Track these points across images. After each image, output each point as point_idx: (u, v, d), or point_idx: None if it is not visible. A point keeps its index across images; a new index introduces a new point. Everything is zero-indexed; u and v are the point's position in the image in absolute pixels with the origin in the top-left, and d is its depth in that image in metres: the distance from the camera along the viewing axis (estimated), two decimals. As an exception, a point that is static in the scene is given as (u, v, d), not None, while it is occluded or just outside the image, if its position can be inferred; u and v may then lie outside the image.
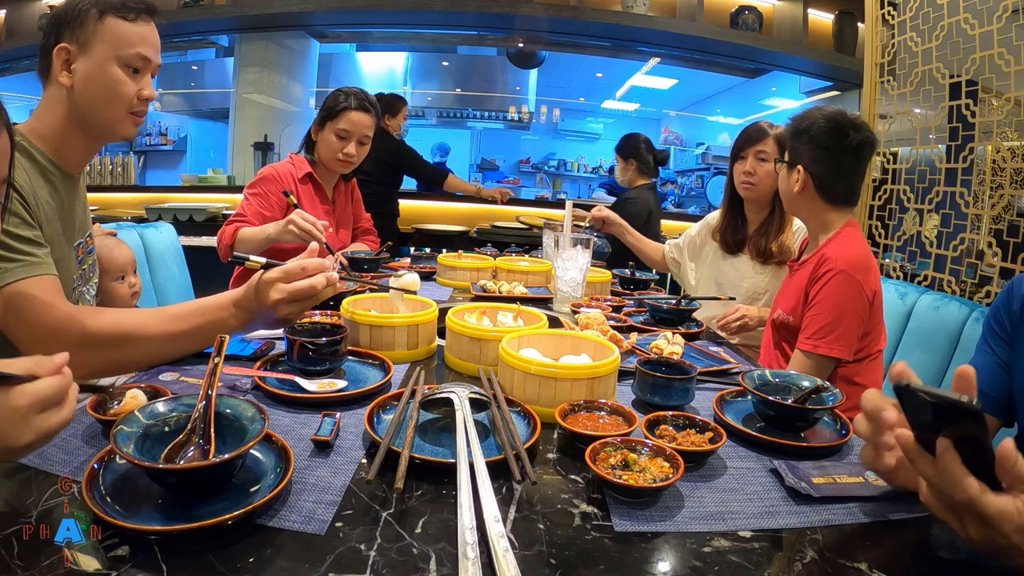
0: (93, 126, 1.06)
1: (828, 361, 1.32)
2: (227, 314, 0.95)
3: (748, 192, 1.84)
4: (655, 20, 4.52)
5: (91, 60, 1.02)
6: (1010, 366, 0.92)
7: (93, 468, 0.58)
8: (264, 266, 0.94)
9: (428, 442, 0.74)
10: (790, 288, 1.50)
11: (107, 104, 1.04)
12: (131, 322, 0.93)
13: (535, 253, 2.31)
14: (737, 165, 1.88)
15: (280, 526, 0.56)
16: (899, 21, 2.37)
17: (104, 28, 1.02)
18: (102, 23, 1.01)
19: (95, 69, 1.02)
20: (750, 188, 1.83)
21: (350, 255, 1.82)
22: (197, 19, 4.77)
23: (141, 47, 1.04)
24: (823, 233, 1.44)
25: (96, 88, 1.02)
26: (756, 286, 1.86)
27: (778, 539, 0.60)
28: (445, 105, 7.38)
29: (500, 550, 0.52)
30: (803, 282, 1.41)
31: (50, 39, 1.02)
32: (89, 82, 1.02)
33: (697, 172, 7.78)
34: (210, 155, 7.06)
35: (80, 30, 1.01)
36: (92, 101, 1.03)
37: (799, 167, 1.41)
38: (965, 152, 2.03)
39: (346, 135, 1.85)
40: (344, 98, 1.84)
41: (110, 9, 1.02)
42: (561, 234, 1.62)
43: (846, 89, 4.98)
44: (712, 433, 0.76)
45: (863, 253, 1.36)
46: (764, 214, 1.89)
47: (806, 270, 1.42)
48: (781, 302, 1.52)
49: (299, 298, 0.93)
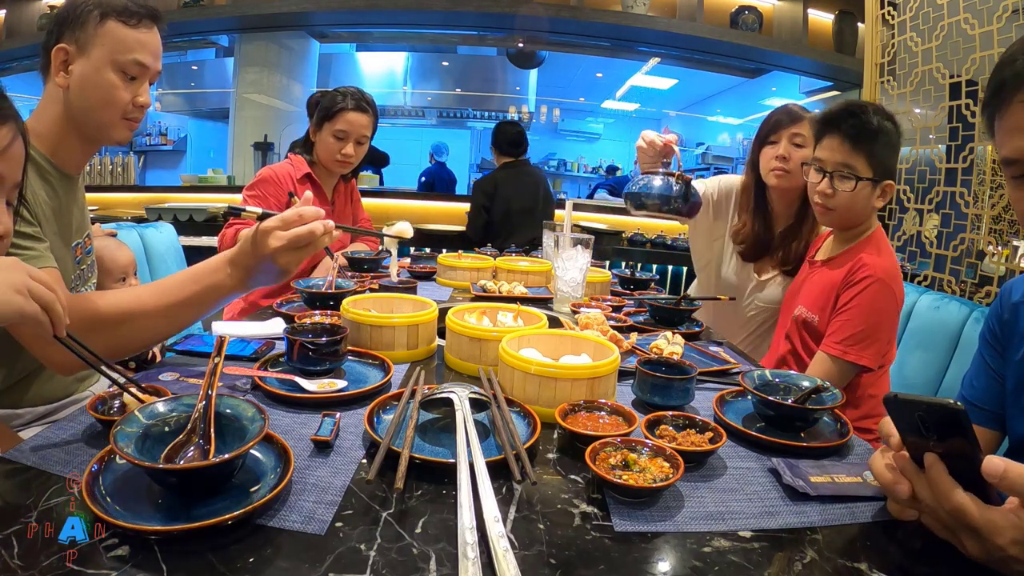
0: (87, 128, 1.05)
1: (853, 368, 1.29)
2: (223, 275, 0.93)
3: (780, 180, 1.60)
4: (655, 20, 4.53)
5: (88, 63, 1.01)
6: (1003, 377, 0.91)
7: (93, 468, 0.58)
8: (260, 216, 0.91)
9: (428, 442, 0.74)
10: (815, 286, 1.42)
11: (101, 108, 1.03)
12: (128, 300, 0.92)
13: (535, 253, 2.31)
14: (766, 151, 1.64)
15: (280, 526, 0.56)
16: (899, 21, 2.37)
17: (104, 31, 1.01)
18: (103, 26, 1.00)
19: (91, 72, 1.01)
20: (783, 175, 1.60)
21: (350, 255, 1.82)
22: (197, 19, 4.78)
23: (139, 54, 1.03)
24: (859, 235, 1.38)
25: (91, 91, 1.02)
26: (770, 298, 1.69)
27: (778, 539, 0.60)
28: (445, 105, 7.39)
29: (500, 550, 0.52)
30: (833, 283, 1.35)
31: (51, 37, 1.02)
32: (85, 85, 1.01)
33: (697, 172, 7.79)
34: (210, 155, 7.07)
35: (80, 31, 1.00)
36: (87, 104, 1.02)
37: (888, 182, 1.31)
38: (965, 152, 2.03)
39: (344, 135, 1.84)
40: (341, 99, 1.84)
41: (112, 12, 1.01)
42: (561, 234, 1.62)
43: (846, 89, 4.98)
44: (712, 433, 0.76)
45: (895, 262, 1.34)
46: (794, 208, 1.66)
47: (836, 272, 1.36)
48: (804, 299, 1.44)
49: (298, 245, 0.89)
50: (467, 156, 8.19)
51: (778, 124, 1.63)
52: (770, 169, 1.62)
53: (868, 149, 1.29)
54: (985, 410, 0.93)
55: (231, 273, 0.93)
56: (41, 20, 5.09)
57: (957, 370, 1.49)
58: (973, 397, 0.95)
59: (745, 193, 1.72)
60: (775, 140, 1.63)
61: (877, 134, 1.28)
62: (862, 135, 1.28)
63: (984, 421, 0.93)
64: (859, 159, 1.30)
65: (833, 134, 1.32)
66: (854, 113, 1.29)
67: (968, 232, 2.04)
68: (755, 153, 1.70)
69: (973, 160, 2.02)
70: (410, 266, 1.92)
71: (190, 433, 0.62)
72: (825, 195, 1.35)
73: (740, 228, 1.72)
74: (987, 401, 0.93)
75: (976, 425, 0.92)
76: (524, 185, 3.29)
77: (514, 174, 3.30)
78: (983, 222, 1.98)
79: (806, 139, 1.58)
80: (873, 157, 1.29)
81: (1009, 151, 0.68)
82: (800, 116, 1.61)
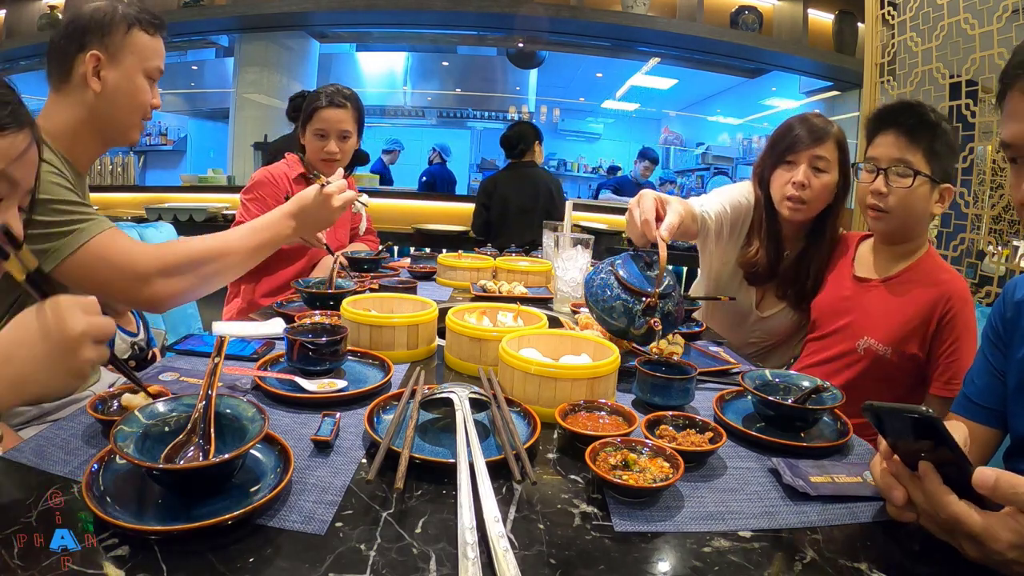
0: (108, 130, 1.13)
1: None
2: (285, 226, 1.16)
3: (795, 214, 1.37)
4: (655, 20, 4.53)
5: (120, 69, 1.10)
6: (1004, 374, 0.91)
7: (93, 468, 0.58)
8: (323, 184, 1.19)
9: (428, 442, 0.74)
10: (878, 313, 1.26)
11: (129, 111, 1.13)
12: (218, 242, 1.11)
13: (535, 253, 2.31)
14: (780, 173, 1.39)
15: (280, 526, 0.56)
16: (899, 21, 2.37)
17: (132, 40, 1.10)
18: (130, 35, 1.10)
19: (124, 79, 1.10)
20: (798, 209, 1.36)
21: (350, 255, 1.82)
22: (197, 19, 4.78)
23: (159, 60, 1.15)
24: (915, 251, 1.27)
25: (123, 96, 1.11)
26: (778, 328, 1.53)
27: (778, 539, 0.60)
28: (445, 105, 7.39)
29: (500, 550, 0.52)
30: (913, 315, 1.21)
31: (71, 44, 1.08)
32: (118, 90, 1.10)
33: (697, 172, 7.78)
34: (210, 155, 7.07)
35: (109, 39, 1.08)
36: (116, 108, 1.11)
37: (947, 186, 1.21)
38: (965, 152, 2.03)
39: (324, 133, 1.84)
40: (315, 97, 1.84)
41: (136, 23, 1.11)
42: (561, 234, 1.62)
43: (846, 89, 4.99)
44: (712, 433, 0.76)
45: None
46: (804, 232, 1.44)
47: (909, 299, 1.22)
48: (869, 328, 1.26)
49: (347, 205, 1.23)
50: (467, 156, 8.19)
51: (797, 142, 1.36)
52: (785, 196, 1.37)
53: (927, 145, 1.18)
54: (987, 408, 0.93)
55: (292, 225, 1.16)
56: (41, 20, 5.09)
57: (957, 370, 1.49)
58: (975, 395, 0.95)
59: (756, 221, 1.47)
60: (792, 160, 1.37)
61: (936, 128, 1.18)
62: (920, 129, 1.18)
63: (986, 419, 0.93)
64: (917, 155, 1.18)
65: (888, 130, 1.21)
66: (912, 107, 1.21)
67: (968, 232, 2.04)
68: (766, 169, 1.43)
69: (973, 160, 2.02)
70: (410, 266, 1.92)
71: (190, 433, 0.62)
72: (879, 194, 1.20)
73: (752, 256, 1.46)
74: (989, 399, 0.93)
75: (978, 423, 0.93)
76: (524, 186, 3.31)
77: (515, 175, 3.34)
78: (983, 222, 1.98)
79: (831, 162, 1.35)
80: (932, 154, 1.18)
81: (1006, 135, 0.73)
82: (825, 133, 1.35)
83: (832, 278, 1.41)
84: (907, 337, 1.22)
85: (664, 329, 0.99)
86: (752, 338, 1.59)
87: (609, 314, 0.98)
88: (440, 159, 5.99)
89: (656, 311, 0.96)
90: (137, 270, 1.02)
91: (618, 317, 0.98)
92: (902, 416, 0.56)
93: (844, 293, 1.35)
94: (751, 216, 1.48)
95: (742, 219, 1.49)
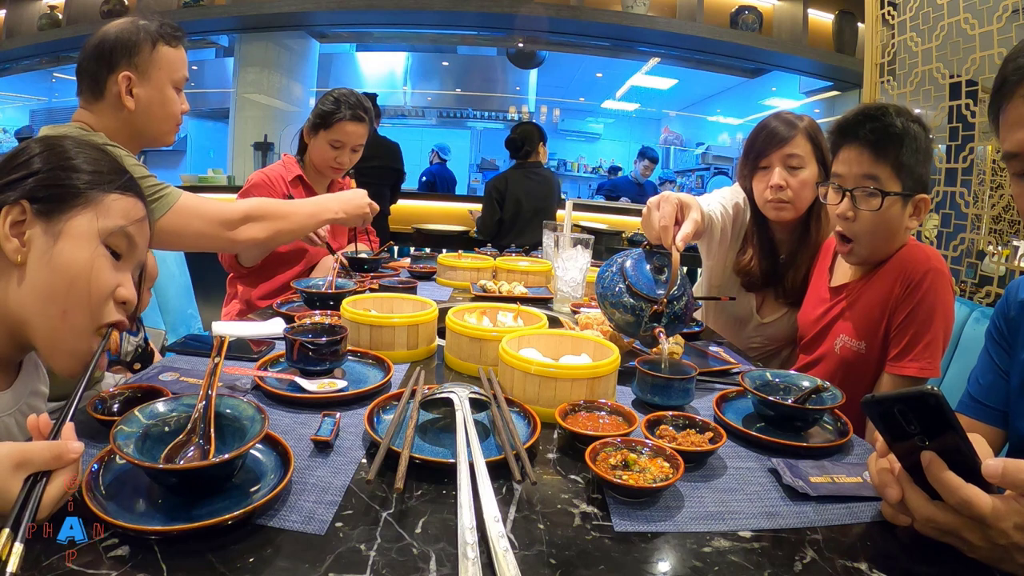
0: (145, 139, 1.24)
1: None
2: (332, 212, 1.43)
3: (781, 213, 1.37)
4: (655, 20, 4.53)
5: (151, 85, 1.19)
6: (1007, 373, 0.91)
7: (93, 468, 0.58)
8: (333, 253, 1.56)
9: (428, 442, 0.74)
10: (848, 311, 1.24)
11: (162, 120, 1.22)
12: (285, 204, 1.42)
13: (535, 253, 2.31)
14: (759, 178, 1.40)
15: (280, 526, 0.56)
16: (899, 21, 2.37)
17: (159, 56, 1.19)
18: (156, 51, 1.18)
19: (156, 93, 1.20)
20: (783, 208, 1.36)
21: (350, 255, 1.81)
22: (197, 19, 4.78)
23: (184, 69, 1.24)
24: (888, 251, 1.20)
25: (157, 109, 1.20)
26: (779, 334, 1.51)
27: (778, 539, 0.60)
28: (445, 105, 7.39)
29: (500, 550, 0.52)
30: (882, 301, 1.16)
31: (101, 67, 1.16)
32: (152, 104, 1.19)
33: (697, 172, 7.78)
34: (210, 155, 7.07)
35: (137, 58, 1.16)
36: (150, 119, 1.21)
37: (922, 196, 1.12)
38: (965, 152, 2.03)
39: (340, 145, 1.83)
40: (338, 108, 1.80)
41: (160, 38, 1.19)
42: (561, 234, 1.62)
43: (846, 89, 4.99)
44: (712, 433, 0.76)
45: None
46: (796, 235, 1.44)
47: (880, 289, 1.17)
48: (842, 328, 1.23)
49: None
50: (467, 156, 8.19)
51: (765, 146, 1.37)
52: (766, 201, 1.38)
53: (894, 157, 1.09)
54: (991, 408, 0.93)
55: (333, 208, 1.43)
56: (41, 20, 5.09)
57: (957, 370, 1.49)
58: (979, 395, 0.95)
59: (747, 226, 1.49)
60: (765, 165, 1.38)
61: (903, 138, 1.08)
62: (884, 141, 1.09)
63: (990, 419, 0.93)
64: (884, 169, 1.09)
65: (851, 144, 1.12)
66: (872, 116, 1.10)
67: (968, 232, 2.04)
68: (746, 180, 1.46)
69: (973, 160, 2.02)
70: (410, 266, 1.92)
71: (190, 433, 0.62)
72: (845, 219, 1.13)
73: (747, 264, 1.47)
74: (993, 399, 0.93)
75: (982, 423, 0.93)
76: (535, 186, 3.31)
77: (525, 175, 3.34)
78: (983, 222, 1.98)
79: (804, 158, 1.34)
80: (900, 166, 1.09)
81: (1011, 145, 0.68)
82: (790, 131, 1.34)
83: (811, 287, 1.39)
84: (875, 326, 1.17)
85: (671, 331, 0.99)
86: (753, 343, 1.58)
87: (617, 308, 0.99)
88: (439, 159, 5.99)
89: (663, 318, 0.96)
90: (224, 217, 1.20)
91: (625, 316, 0.99)
92: (906, 400, 0.54)
93: (821, 303, 1.33)
94: (748, 219, 1.50)
95: (740, 221, 1.51)
